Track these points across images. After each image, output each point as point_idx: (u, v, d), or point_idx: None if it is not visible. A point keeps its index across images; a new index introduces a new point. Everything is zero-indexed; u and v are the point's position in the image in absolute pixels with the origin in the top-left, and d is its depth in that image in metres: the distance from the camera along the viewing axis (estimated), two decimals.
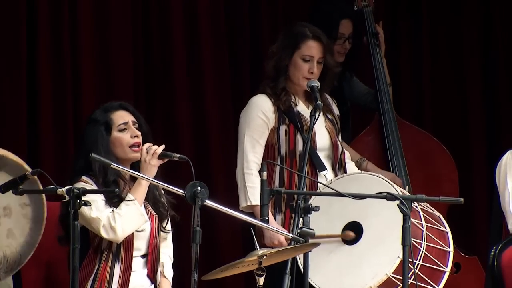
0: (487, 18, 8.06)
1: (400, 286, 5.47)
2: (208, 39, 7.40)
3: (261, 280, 4.99)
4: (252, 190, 5.83)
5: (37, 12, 6.98)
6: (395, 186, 5.68)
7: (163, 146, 5.31)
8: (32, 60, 6.97)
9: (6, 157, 4.98)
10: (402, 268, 4.92)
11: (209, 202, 4.86)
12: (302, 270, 5.52)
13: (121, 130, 5.38)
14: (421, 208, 5.68)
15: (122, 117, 5.41)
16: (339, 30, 6.92)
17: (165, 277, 5.46)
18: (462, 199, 5.47)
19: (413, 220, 5.53)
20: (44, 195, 5.02)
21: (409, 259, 5.35)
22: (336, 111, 6.19)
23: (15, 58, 6.92)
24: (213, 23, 7.42)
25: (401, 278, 5.03)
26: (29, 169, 4.91)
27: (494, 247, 4.43)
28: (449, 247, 5.69)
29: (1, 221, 5.00)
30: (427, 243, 5.59)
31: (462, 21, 8.03)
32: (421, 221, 5.62)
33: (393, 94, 7.05)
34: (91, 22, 7.14)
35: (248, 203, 5.82)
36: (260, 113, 5.98)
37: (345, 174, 6.05)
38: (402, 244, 4.93)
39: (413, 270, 5.47)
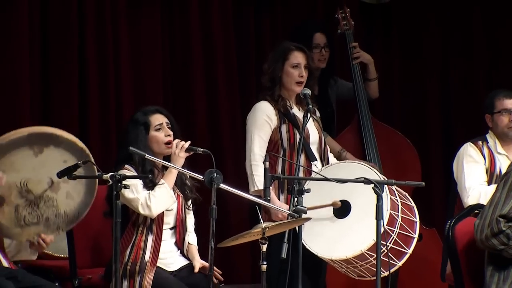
0: (445, 36, 8.06)
1: (383, 250, 5.42)
2: (221, 57, 7.40)
3: (264, 247, 4.99)
4: (258, 178, 5.79)
5: (85, 34, 7.02)
6: (375, 170, 5.66)
7: (189, 142, 5.31)
8: (83, 73, 7.02)
9: (61, 136, 4.94)
10: (376, 237, 4.93)
11: (223, 186, 4.90)
12: (303, 241, 5.52)
13: (157, 130, 5.38)
14: (395, 189, 5.69)
15: (158, 119, 5.40)
16: (314, 41, 6.83)
17: (191, 244, 5.46)
18: (423, 183, 5.49)
19: (391, 196, 5.54)
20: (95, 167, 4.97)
21: (389, 227, 5.41)
22: (318, 113, 6.18)
23: (69, 72, 6.97)
24: (225, 45, 7.41)
25: (383, 243, 5.05)
26: (81, 146, 4.91)
27: (449, 221, 4.43)
28: (416, 218, 5.66)
29: (61, 186, 4.95)
30: (402, 215, 5.58)
31: (424, 40, 8.00)
32: (397, 197, 5.61)
33: (370, 98, 7.01)
34: (129, 44, 7.20)
35: (256, 188, 5.79)
36: (264, 115, 5.93)
37: (335, 162, 6.03)
38: (376, 218, 4.95)
39: (392, 237, 5.51)
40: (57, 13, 6.95)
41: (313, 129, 6.00)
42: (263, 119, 5.94)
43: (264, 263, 5.03)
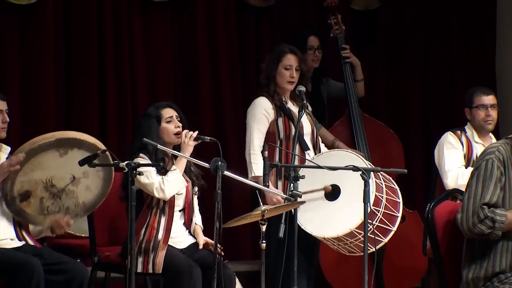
0: (426, 40, 8.04)
1: (370, 228, 5.40)
2: (225, 58, 7.39)
3: (263, 228, 5.01)
4: (256, 166, 5.80)
5: (104, 40, 7.02)
6: (362, 157, 5.67)
7: (197, 132, 5.32)
8: (102, 74, 7.03)
9: (80, 139, 4.97)
10: (364, 217, 4.94)
11: (227, 173, 4.90)
12: (299, 222, 5.51)
13: (168, 122, 5.38)
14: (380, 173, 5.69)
15: (168, 112, 5.40)
16: (308, 44, 6.83)
17: (197, 224, 5.47)
18: (406, 170, 5.49)
19: (376, 180, 5.55)
20: (113, 170, 5.01)
21: (375, 208, 5.41)
22: (310, 108, 6.16)
23: (90, 74, 6.98)
24: (228, 47, 7.40)
25: (370, 222, 5.06)
26: (102, 147, 4.91)
27: (429, 204, 4.43)
28: (399, 199, 5.67)
29: (81, 180, 5.00)
30: (386, 196, 5.59)
31: (406, 46, 7.99)
32: (381, 180, 5.62)
33: (358, 96, 7.00)
34: (143, 48, 7.18)
35: (253, 175, 5.81)
36: (263, 110, 5.94)
37: (326, 151, 6.03)
38: (363, 202, 4.95)
39: (378, 216, 5.52)
40: (79, 21, 6.96)
41: (306, 122, 6.01)
42: (261, 113, 5.94)
43: (264, 242, 5.05)
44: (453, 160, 6.01)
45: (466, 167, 6.01)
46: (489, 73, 8.02)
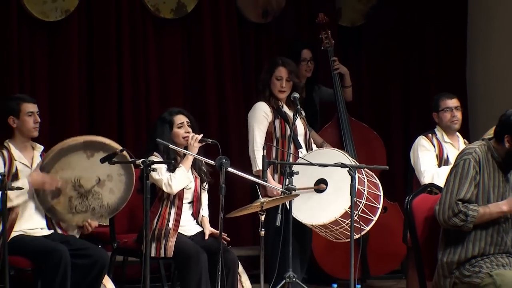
0: (405, 52, 8.04)
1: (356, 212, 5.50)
2: (228, 68, 7.38)
3: (262, 217, 5.03)
4: (259, 161, 5.77)
5: (122, 52, 7.04)
6: (347, 155, 5.66)
7: (201, 135, 5.30)
8: (120, 83, 7.04)
9: (105, 142, 4.97)
10: (351, 207, 4.96)
11: (230, 169, 4.89)
12: (289, 210, 5.52)
13: (179, 127, 5.35)
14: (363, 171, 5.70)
15: (180, 118, 5.37)
16: (302, 56, 6.83)
17: (204, 216, 5.46)
18: (387, 167, 5.49)
19: (359, 175, 5.55)
20: (133, 168, 4.98)
21: (358, 199, 5.41)
22: (303, 112, 6.13)
23: (109, 84, 7.00)
24: (231, 58, 7.39)
25: (355, 202, 5.04)
26: (119, 147, 4.91)
27: (407, 196, 4.43)
28: (380, 192, 5.66)
29: (106, 183, 4.99)
30: (368, 189, 5.60)
31: (387, 58, 8.00)
32: (363, 175, 5.62)
33: (346, 101, 7.00)
34: (156, 59, 7.18)
35: (257, 168, 5.80)
36: (263, 112, 5.94)
37: (316, 149, 6.02)
38: (350, 194, 4.96)
39: (360, 207, 5.52)
40: (100, 36, 6.97)
41: (300, 124, 6.01)
42: (261, 115, 5.95)
43: (263, 230, 5.08)
44: (427, 161, 5.97)
45: (439, 166, 6.00)
46: (461, 82, 8.05)
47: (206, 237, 5.30)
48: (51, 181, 4.84)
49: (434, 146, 6.04)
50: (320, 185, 5.62)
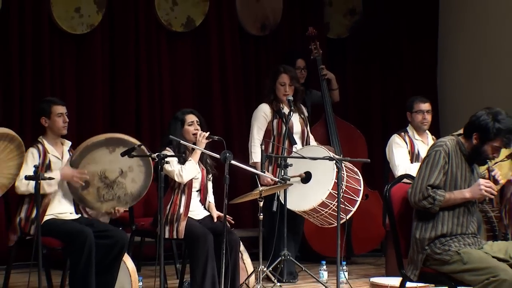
0: (384, 65, 8.03)
1: (330, 206, 5.51)
2: (231, 75, 7.37)
3: (261, 204, 5.07)
4: (255, 154, 5.83)
5: (139, 60, 7.03)
6: (330, 152, 5.65)
7: (208, 132, 5.29)
8: (138, 87, 7.04)
9: (124, 139, 4.95)
10: (337, 196, 4.96)
11: (233, 162, 4.91)
12: (281, 199, 5.57)
13: (189, 125, 5.32)
14: (346, 165, 5.70)
15: (190, 118, 5.34)
16: (296, 65, 6.80)
17: (210, 202, 5.44)
18: (369, 160, 5.51)
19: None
20: (151, 161, 4.96)
21: (334, 191, 5.39)
22: (305, 113, 6.17)
23: (128, 87, 6.99)
24: (233, 67, 7.38)
25: (337, 193, 5.07)
26: (137, 143, 4.89)
27: (386, 185, 4.42)
28: (359, 177, 5.69)
29: (128, 174, 4.96)
30: (347, 184, 5.61)
31: (368, 65, 7.99)
32: (344, 171, 5.61)
33: (333, 102, 7.00)
34: (169, 67, 7.17)
35: (253, 161, 5.84)
36: (263, 113, 5.96)
37: (306, 146, 6.01)
38: (337, 184, 5.00)
39: (343, 189, 5.54)
40: (120, 47, 6.97)
41: (297, 123, 6.02)
42: (261, 115, 5.97)
43: (261, 214, 5.11)
44: (400, 157, 5.97)
45: (411, 161, 5.99)
46: (432, 87, 8.06)
47: (215, 220, 5.29)
48: (80, 175, 4.84)
49: (407, 143, 6.04)
50: (300, 174, 5.61)
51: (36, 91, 6.53)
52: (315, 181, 5.55)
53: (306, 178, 5.63)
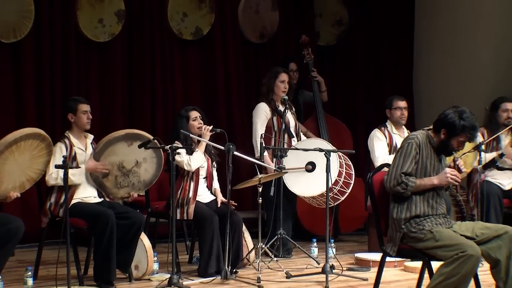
0: (367, 69, 8.02)
1: (334, 190, 5.53)
2: (235, 78, 7.34)
3: (260, 189, 5.05)
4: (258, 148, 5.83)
5: (154, 66, 7.00)
6: (328, 143, 5.65)
7: (212, 126, 5.26)
8: (153, 90, 7.01)
9: (141, 134, 4.94)
10: (326, 183, 4.94)
11: (236, 153, 4.91)
12: (289, 186, 5.60)
13: (193, 120, 5.29)
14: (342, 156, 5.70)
15: (194, 114, 5.32)
16: (289, 68, 6.75)
17: (216, 188, 5.42)
18: (354, 151, 5.49)
19: (339, 160, 5.62)
20: (162, 152, 4.96)
21: (338, 178, 5.47)
22: (293, 109, 6.14)
23: (144, 90, 6.97)
24: (236, 71, 7.36)
25: (334, 187, 5.12)
26: (151, 137, 4.88)
27: (369, 173, 4.40)
28: (352, 171, 5.72)
29: (142, 165, 4.96)
30: (345, 162, 5.65)
31: (353, 69, 7.98)
32: (342, 160, 5.66)
33: (322, 101, 6.95)
34: (180, 72, 7.14)
35: (257, 155, 5.82)
36: (264, 112, 5.93)
37: (304, 139, 6.01)
38: (326, 171, 5.03)
39: (339, 183, 5.55)
40: (138, 53, 6.94)
41: (291, 119, 6.02)
42: (262, 114, 5.94)
43: (260, 198, 5.08)
44: (380, 149, 5.95)
45: (389, 152, 5.97)
46: (408, 87, 8.04)
47: (219, 204, 5.28)
48: (102, 167, 4.84)
49: (386, 137, 6.02)
50: (307, 166, 5.60)
51: (65, 92, 6.52)
52: (320, 170, 5.52)
53: (311, 167, 5.62)
